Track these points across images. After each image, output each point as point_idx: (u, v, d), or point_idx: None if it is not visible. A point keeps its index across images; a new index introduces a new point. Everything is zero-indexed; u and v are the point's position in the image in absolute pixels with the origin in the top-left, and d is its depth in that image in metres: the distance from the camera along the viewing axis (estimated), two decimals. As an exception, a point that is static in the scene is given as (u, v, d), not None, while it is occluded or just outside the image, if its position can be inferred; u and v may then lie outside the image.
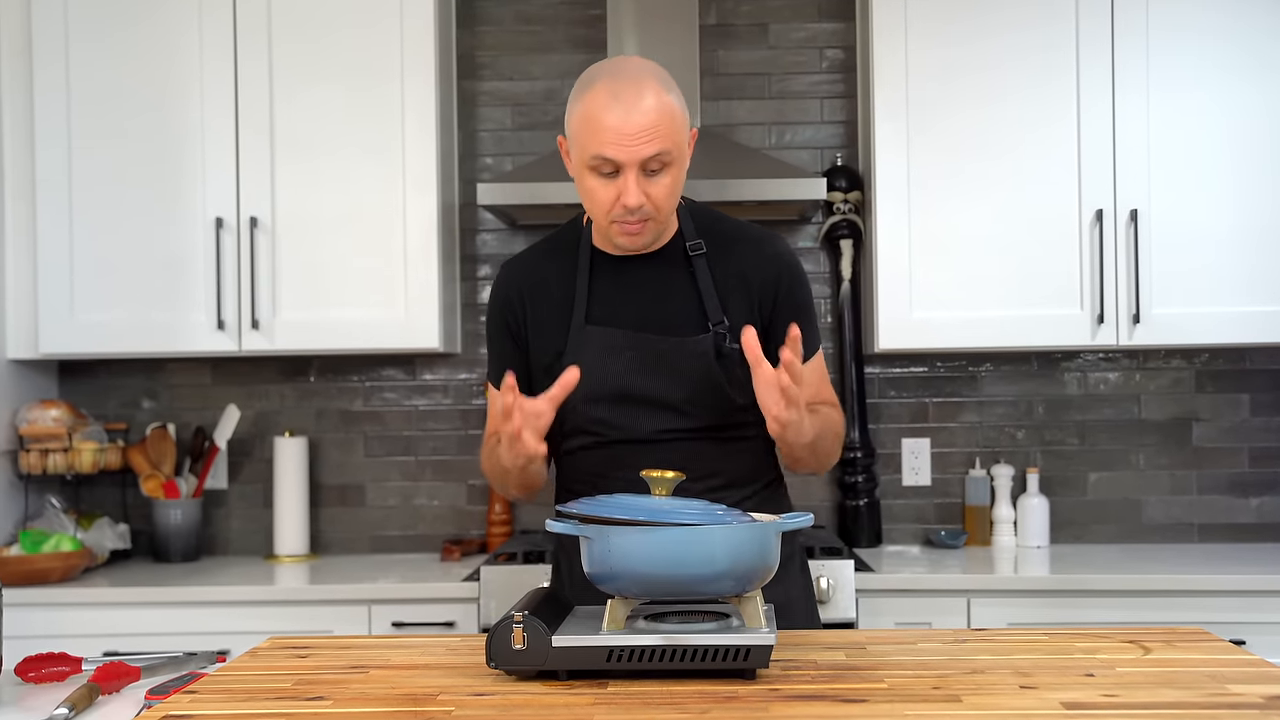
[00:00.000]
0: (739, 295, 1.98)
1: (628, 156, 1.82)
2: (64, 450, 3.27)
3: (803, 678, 1.49)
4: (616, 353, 1.96)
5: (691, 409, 1.96)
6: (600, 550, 1.50)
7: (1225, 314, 3.16)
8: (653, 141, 1.81)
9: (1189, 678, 1.47)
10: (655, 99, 1.82)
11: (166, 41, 3.24)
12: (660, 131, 1.82)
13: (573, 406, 1.95)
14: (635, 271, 2.00)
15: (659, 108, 1.82)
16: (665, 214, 1.91)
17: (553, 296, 2.01)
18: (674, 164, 1.86)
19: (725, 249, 2.01)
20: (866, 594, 2.96)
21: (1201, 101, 3.18)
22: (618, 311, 1.98)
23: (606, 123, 1.81)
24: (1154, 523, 3.52)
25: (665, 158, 1.84)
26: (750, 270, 1.99)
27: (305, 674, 1.57)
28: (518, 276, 2.06)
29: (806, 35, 3.60)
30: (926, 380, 3.57)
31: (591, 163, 1.85)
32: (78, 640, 2.88)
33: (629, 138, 1.81)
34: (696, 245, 2.00)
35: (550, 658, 1.46)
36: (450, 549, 3.38)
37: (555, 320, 2.00)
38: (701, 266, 1.99)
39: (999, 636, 1.74)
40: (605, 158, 1.82)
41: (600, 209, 1.89)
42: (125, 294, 3.24)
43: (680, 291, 1.99)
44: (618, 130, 1.80)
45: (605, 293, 2.00)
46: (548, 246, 2.08)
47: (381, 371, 3.59)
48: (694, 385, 1.95)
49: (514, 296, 2.04)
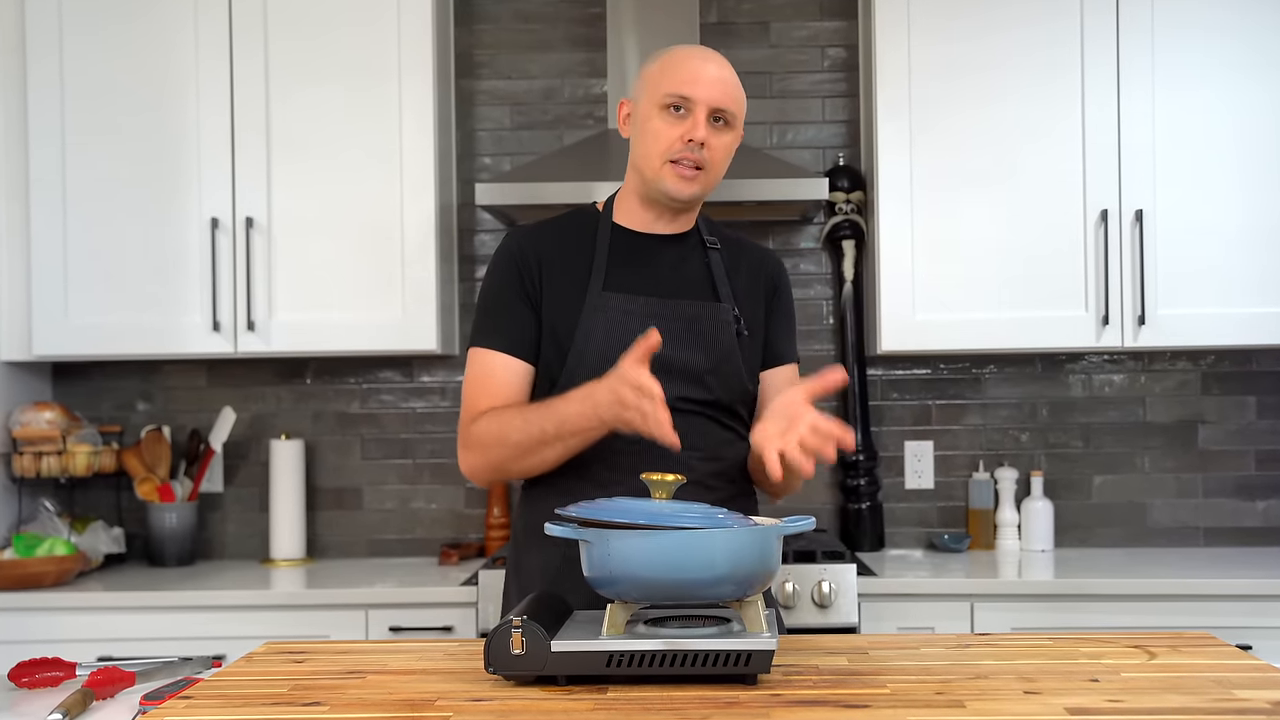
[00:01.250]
0: (747, 290, 2.09)
1: (704, 94, 1.96)
2: (58, 453, 3.27)
3: (804, 683, 1.49)
4: (635, 319, 1.97)
5: (712, 380, 2.00)
6: (600, 554, 1.50)
7: (1232, 315, 3.16)
8: (725, 96, 1.97)
9: (1195, 683, 1.48)
10: (730, 72, 2.01)
11: (162, 39, 3.24)
12: (732, 93, 1.99)
13: (583, 372, 1.93)
14: (655, 249, 2.06)
15: (732, 78, 2.01)
16: (715, 173, 2.01)
17: (569, 264, 2.02)
18: (735, 128, 2.01)
19: (732, 250, 2.12)
20: (869, 598, 2.96)
21: (1208, 99, 3.18)
22: (638, 281, 2.02)
23: (689, 65, 1.98)
24: (1159, 526, 3.52)
25: (730, 117, 1.99)
26: (755, 272, 2.11)
27: (302, 679, 1.57)
28: (532, 241, 2.05)
29: (808, 33, 3.60)
30: (929, 382, 3.57)
31: (666, 99, 1.96)
32: (72, 645, 2.87)
33: (707, 80, 1.97)
34: (712, 241, 2.11)
35: (549, 662, 1.46)
36: (448, 553, 3.38)
37: (571, 288, 2.01)
38: (716, 259, 2.09)
39: (1003, 641, 1.75)
40: (683, 95, 1.96)
41: (662, 145, 1.97)
42: (120, 295, 3.24)
43: (696, 273, 2.07)
44: (697, 72, 1.97)
45: (624, 264, 2.04)
46: (560, 223, 2.10)
47: (379, 373, 3.60)
48: (718, 356, 2.00)
49: (530, 258, 2.02)
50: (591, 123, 3.59)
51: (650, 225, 2.07)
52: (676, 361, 1.97)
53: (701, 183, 2.00)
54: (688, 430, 1.89)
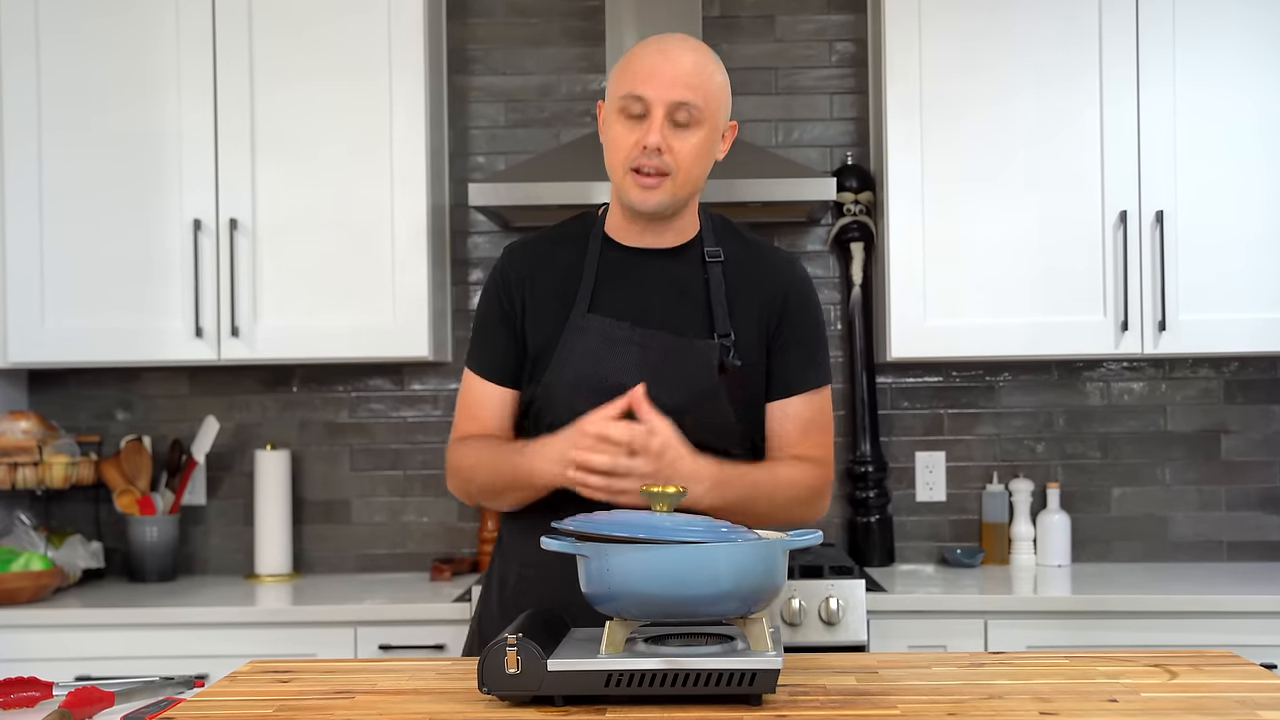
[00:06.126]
0: (748, 310, 2.00)
1: (656, 94, 1.88)
2: (34, 464, 3.27)
3: (811, 703, 1.49)
4: (617, 346, 1.95)
5: (690, 422, 1.92)
6: (599, 570, 1.50)
7: (1256, 320, 3.17)
8: (686, 89, 1.88)
9: (1217, 704, 1.48)
10: (696, 57, 1.92)
11: (142, 34, 3.25)
12: (694, 83, 1.89)
13: (557, 397, 1.95)
14: (647, 266, 2.01)
15: (697, 64, 1.91)
16: (686, 178, 1.93)
17: (555, 283, 2.02)
18: (704, 124, 1.91)
19: (741, 262, 2.03)
20: (878, 615, 2.96)
21: (1230, 97, 3.19)
22: (623, 304, 1.98)
23: (643, 62, 1.91)
24: (1181, 540, 3.52)
25: (695, 112, 1.89)
26: (762, 286, 2.02)
27: (288, 700, 1.57)
28: (520, 260, 2.06)
29: (815, 27, 3.61)
30: (941, 390, 3.57)
31: (621, 102, 1.91)
32: (48, 664, 2.87)
33: (662, 77, 1.88)
34: (715, 252, 2.03)
35: (545, 682, 1.47)
36: (440, 568, 3.38)
37: (555, 307, 2.00)
38: (716, 274, 2.01)
39: (1017, 660, 1.75)
40: (635, 95, 1.89)
41: (620, 154, 1.92)
42: (98, 300, 3.25)
43: (691, 295, 2.00)
44: (651, 70, 1.89)
45: (613, 283, 2.00)
46: (557, 234, 2.09)
47: (368, 381, 3.60)
48: (694, 393, 1.95)
49: (513, 279, 2.04)
50: (589, 120, 3.59)
51: (639, 238, 2.01)
52: (654, 399, 1.86)
53: (669, 190, 1.92)
54: None
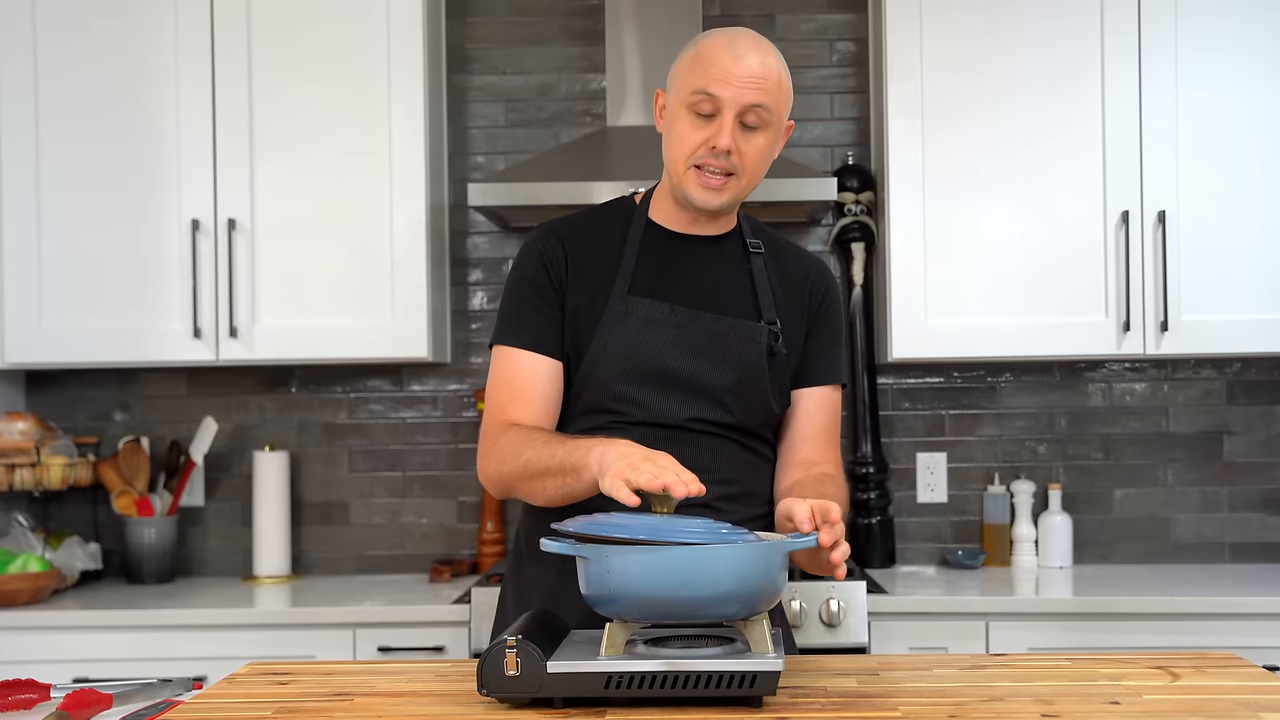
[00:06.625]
0: (789, 303, 2.02)
1: (731, 95, 1.87)
2: (31, 465, 3.27)
3: (812, 705, 1.49)
4: (659, 327, 1.93)
5: (732, 401, 1.94)
6: (599, 571, 1.50)
7: (1259, 321, 3.17)
8: (758, 91, 1.88)
9: (1220, 706, 1.48)
10: (768, 58, 1.91)
11: (140, 34, 3.25)
12: (767, 86, 1.89)
13: (596, 380, 1.93)
14: (691, 251, 2.01)
15: (770, 65, 1.90)
16: (748, 179, 1.94)
17: (596, 261, 1.98)
18: (770, 127, 1.92)
19: (778, 257, 2.06)
20: (879, 617, 2.97)
21: (1233, 98, 3.19)
22: (666, 286, 1.97)
23: (718, 60, 1.88)
24: (1183, 542, 3.52)
25: (765, 114, 1.90)
26: (801, 280, 2.05)
27: (286, 702, 1.57)
28: (562, 233, 2.01)
29: (816, 27, 3.61)
30: (942, 391, 3.57)
31: (691, 99, 1.89)
32: (46, 666, 2.87)
33: (736, 78, 1.87)
34: (756, 244, 2.04)
35: (545, 684, 1.47)
36: (439, 570, 3.39)
37: (596, 286, 1.96)
38: (759, 264, 2.02)
39: (1019, 662, 1.75)
40: (708, 93, 1.87)
41: (685, 150, 1.91)
42: (96, 300, 3.25)
43: (735, 281, 2.01)
44: (727, 69, 1.87)
45: (655, 266, 1.98)
46: (594, 214, 2.07)
47: (367, 382, 3.60)
48: (741, 376, 1.94)
49: (559, 252, 1.98)
50: (589, 120, 3.59)
51: (687, 226, 2.01)
52: (696, 379, 1.92)
53: (733, 191, 1.93)
54: (700, 452, 1.90)
